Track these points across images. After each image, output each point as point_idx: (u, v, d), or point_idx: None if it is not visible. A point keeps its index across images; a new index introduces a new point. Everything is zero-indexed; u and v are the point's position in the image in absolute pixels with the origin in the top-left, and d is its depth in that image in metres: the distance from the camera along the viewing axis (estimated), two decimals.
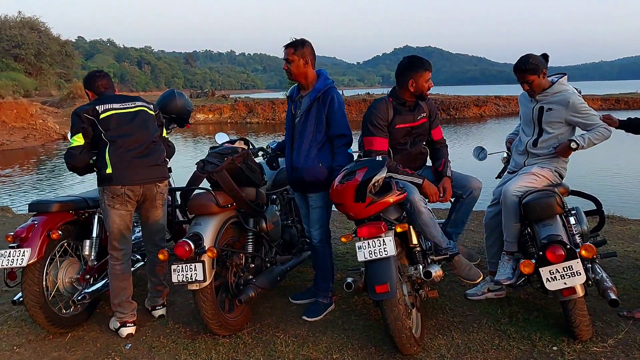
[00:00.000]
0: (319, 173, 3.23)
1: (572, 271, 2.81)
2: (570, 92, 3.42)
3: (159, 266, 3.32)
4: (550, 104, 3.40)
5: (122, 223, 3.12)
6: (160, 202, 3.26)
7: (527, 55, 3.39)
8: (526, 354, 2.98)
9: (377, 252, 2.79)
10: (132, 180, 3.05)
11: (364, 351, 3.05)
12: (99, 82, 3.28)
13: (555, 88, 3.40)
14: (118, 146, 3.03)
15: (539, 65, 3.33)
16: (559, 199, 3.07)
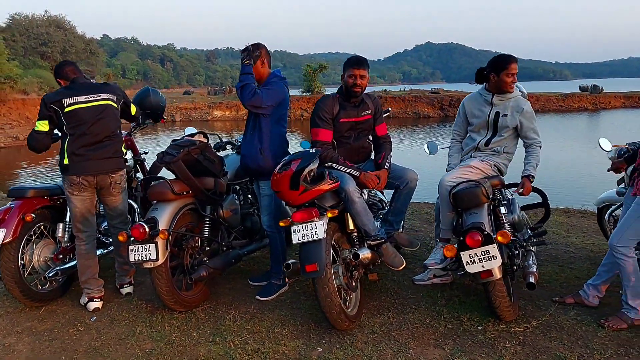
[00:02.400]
0: (260, 160, 3.53)
1: (489, 255, 3.04)
2: (522, 100, 3.71)
3: (122, 247, 3.64)
4: (506, 110, 3.67)
5: (83, 207, 3.47)
6: (116, 191, 3.59)
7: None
8: (452, 332, 3.24)
9: (309, 235, 3.07)
10: (84, 171, 3.41)
11: (304, 327, 3.35)
12: (66, 68, 3.63)
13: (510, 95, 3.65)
14: (75, 139, 3.38)
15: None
16: (485, 190, 3.30)
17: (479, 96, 3.76)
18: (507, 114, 3.66)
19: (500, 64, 3.57)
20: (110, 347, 3.10)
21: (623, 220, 3.26)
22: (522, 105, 3.64)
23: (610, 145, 3.95)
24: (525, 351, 2.98)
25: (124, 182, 3.66)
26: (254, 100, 3.40)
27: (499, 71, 3.57)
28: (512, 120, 3.65)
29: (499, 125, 3.70)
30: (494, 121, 3.70)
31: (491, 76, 3.64)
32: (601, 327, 3.19)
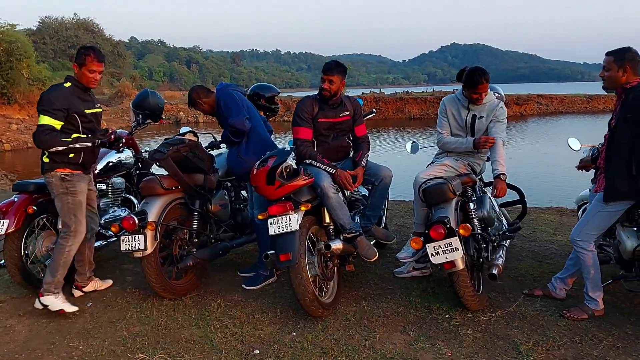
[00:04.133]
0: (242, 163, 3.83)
1: (452, 247, 3.22)
2: (496, 102, 3.88)
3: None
4: (482, 112, 3.86)
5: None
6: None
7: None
8: (420, 320, 3.43)
9: (283, 227, 3.30)
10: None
11: (282, 314, 3.57)
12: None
13: (485, 99, 3.82)
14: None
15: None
16: (451, 187, 3.48)
17: (457, 100, 3.93)
18: (482, 116, 3.83)
19: (469, 83, 3.73)
20: (101, 329, 3.38)
21: (584, 215, 3.40)
22: (496, 107, 3.81)
23: (579, 145, 4.07)
24: (484, 337, 3.15)
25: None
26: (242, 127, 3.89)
27: (468, 87, 3.74)
28: (486, 122, 3.82)
29: (476, 127, 3.87)
30: (471, 124, 3.87)
31: (463, 86, 3.81)
32: (563, 317, 3.34)
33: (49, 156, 3.45)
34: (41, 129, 3.34)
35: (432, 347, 3.08)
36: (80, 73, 3.48)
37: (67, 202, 3.50)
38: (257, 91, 4.79)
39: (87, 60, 3.45)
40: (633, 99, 3.06)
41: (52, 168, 3.47)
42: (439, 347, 3.07)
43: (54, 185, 3.50)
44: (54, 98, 3.37)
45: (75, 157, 3.50)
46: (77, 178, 3.53)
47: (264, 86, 4.92)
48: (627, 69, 3.08)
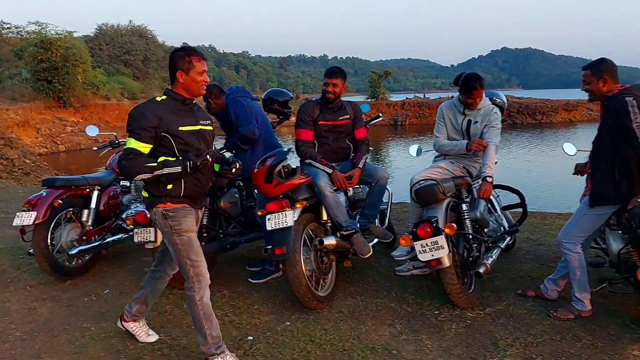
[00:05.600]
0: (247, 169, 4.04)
1: (438, 245, 3.36)
2: (491, 107, 4.01)
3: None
4: (477, 117, 3.99)
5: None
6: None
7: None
8: (409, 315, 3.58)
9: (280, 222, 3.53)
10: None
11: (281, 305, 3.79)
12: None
13: (480, 104, 3.95)
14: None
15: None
16: (441, 188, 3.60)
17: (454, 106, 4.06)
18: (477, 121, 3.96)
19: (464, 88, 3.87)
20: (113, 313, 3.69)
21: (571, 218, 3.47)
22: (490, 112, 3.92)
23: (574, 150, 4.11)
24: (467, 332, 3.27)
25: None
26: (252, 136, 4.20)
27: (463, 92, 3.87)
28: (481, 127, 3.95)
29: (471, 132, 3.99)
30: (467, 128, 3.99)
31: (460, 91, 3.93)
32: (549, 317, 3.40)
33: (147, 189, 2.84)
34: (124, 154, 2.69)
35: (414, 339, 3.22)
36: (189, 80, 2.78)
37: (175, 243, 2.81)
38: (271, 96, 5.05)
39: (193, 61, 2.78)
40: (614, 106, 3.12)
41: (154, 204, 2.81)
42: (422, 339, 3.21)
43: (158, 224, 2.86)
44: (140, 115, 2.69)
45: (175, 187, 2.78)
46: (182, 213, 2.81)
47: (277, 91, 5.17)
48: (606, 79, 3.17)
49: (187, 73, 2.78)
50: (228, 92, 4.43)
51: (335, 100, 4.02)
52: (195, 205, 2.92)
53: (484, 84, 3.83)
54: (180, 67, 2.78)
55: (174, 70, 2.79)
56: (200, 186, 2.91)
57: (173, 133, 2.75)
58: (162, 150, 2.76)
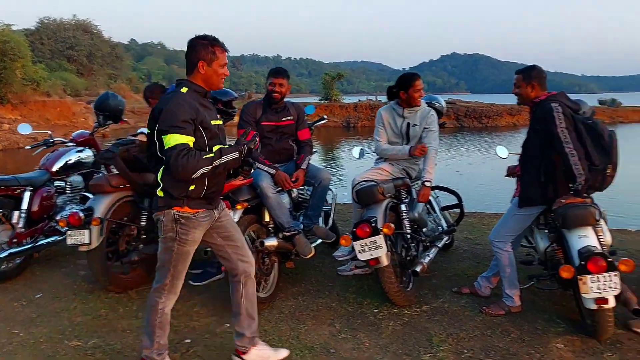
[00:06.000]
0: None
1: (376, 245, 3.42)
2: (427, 109, 4.12)
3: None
4: (415, 120, 4.09)
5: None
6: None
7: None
8: (349, 314, 3.62)
9: None
10: None
11: (221, 307, 3.76)
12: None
13: (418, 108, 4.04)
14: None
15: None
16: (380, 189, 3.68)
17: (392, 110, 4.15)
18: (416, 124, 4.06)
19: (407, 82, 3.97)
20: (45, 318, 3.56)
21: (501, 218, 3.62)
22: (427, 114, 4.04)
23: (506, 153, 4.29)
24: (404, 329, 3.35)
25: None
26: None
27: (407, 88, 3.96)
28: (420, 129, 4.05)
29: (411, 134, 4.09)
30: (407, 131, 4.09)
31: (401, 93, 4.02)
32: (482, 313, 3.54)
33: (165, 188, 2.59)
34: (177, 151, 2.39)
35: (352, 337, 3.27)
36: (210, 71, 2.60)
37: (172, 250, 2.63)
38: (214, 95, 4.99)
39: (217, 52, 2.59)
40: (541, 112, 3.28)
41: (169, 205, 2.59)
42: (359, 338, 3.26)
43: (163, 226, 2.63)
44: (178, 108, 2.46)
45: (197, 188, 2.58)
46: (194, 223, 2.63)
47: (221, 91, 5.12)
48: (534, 85, 3.34)
49: (210, 64, 2.60)
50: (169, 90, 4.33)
51: (281, 100, 4.02)
52: (212, 205, 2.73)
53: (420, 77, 3.97)
54: (203, 56, 2.58)
55: (195, 60, 2.58)
56: (220, 185, 2.76)
57: (206, 126, 2.57)
58: (196, 146, 2.53)
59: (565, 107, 3.28)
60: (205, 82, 2.64)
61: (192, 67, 2.60)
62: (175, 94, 2.56)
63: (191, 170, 2.42)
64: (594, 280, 2.88)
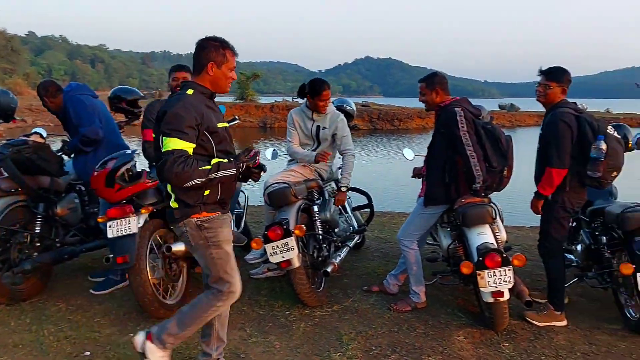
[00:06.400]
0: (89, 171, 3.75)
1: (288, 247, 3.42)
2: (337, 113, 4.17)
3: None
4: (325, 123, 4.11)
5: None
6: None
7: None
8: (260, 317, 3.58)
9: (122, 229, 3.34)
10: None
11: (125, 316, 3.58)
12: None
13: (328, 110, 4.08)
14: None
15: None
16: (293, 191, 3.68)
17: (302, 112, 4.17)
18: (326, 127, 4.10)
19: (315, 90, 3.99)
20: None
21: (408, 217, 3.75)
22: (336, 118, 4.09)
23: (412, 155, 4.47)
24: (315, 330, 3.37)
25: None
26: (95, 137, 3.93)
27: (314, 95, 3.99)
28: (330, 132, 4.10)
29: (321, 137, 4.14)
30: (316, 134, 4.13)
31: (308, 97, 4.05)
32: (390, 310, 3.64)
33: (180, 198, 2.49)
34: (174, 157, 2.30)
35: (263, 341, 3.24)
36: (219, 74, 2.51)
37: (212, 256, 2.57)
38: (118, 94, 4.76)
39: (227, 54, 2.53)
40: (445, 116, 3.44)
41: (186, 215, 2.51)
42: (270, 340, 3.24)
43: (191, 237, 2.55)
44: (183, 111, 2.36)
45: (212, 193, 2.51)
46: (218, 223, 2.57)
47: (125, 89, 4.89)
48: (438, 91, 3.50)
49: (219, 66, 2.51)
50: (66, 89, 4.08)
51: None
52: (225, 210, 2.64)
53: (330, 86, 4.00)
54: (214, 58, 2.50)
55: (204, 61, 2.49)
56: (232, 189, 2.68)
57: (213, 130, 2.47)
58: (199, 152, 2.43)
59: (467, 111, 3.47)
60: (213, 84, 2.55)
61: (201, 68, 2.51)
62: (181, 96, 2.45)
63: (185, 179, 2.32)
64: (491, 274, 3.05)
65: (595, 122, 3.24)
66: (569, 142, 3.26)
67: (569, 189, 3.31)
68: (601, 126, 3.23)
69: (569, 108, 3.30)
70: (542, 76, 3.39)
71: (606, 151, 3.15)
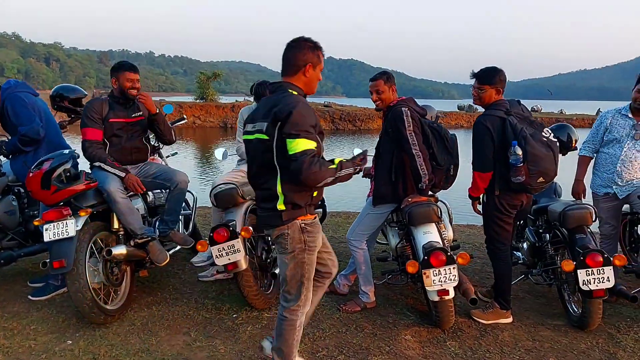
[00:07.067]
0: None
1: (234, 249, 3.34)
2: None
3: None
4: None
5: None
6: None
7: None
8: (207, 321, 3.49)
9: (59, 233, 3.19)
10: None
11: (64, 323, 3.42)
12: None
13: None
14: None
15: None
16: (240, 192, 3.60)
17: None
18: None
19: (257, 96, 3.93)
20: None
21: (357, 217, 3.74)
22: None
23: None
24: (262, 333, 3.30)
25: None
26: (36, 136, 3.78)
27: (258, 99, 3.93)
28: None
29: None
30: None
31: (261, 93, 3.98)
32: (339, 310, 3.62)
33: (291, 200, 2.40)
34: (309, 157, 2.25)
35: (208, 345, 3.15)
36: (314, 76, 2.51)
37: (303, 261, 2.49)
38: (60, 92, 4.58)
39: (320, 56, 2.53)
40: (392, 116, 3.44)
41: (293, 217, 2.43)
42: (215, 345, 3.16)
43: (290, 240, 2.46)
44: (309, 111, 2.34)
45: (319, 194, 2.51)
46: (317, 228, 2.54)
47: (68, 87, 4.71)
48: (393, 89, 3.50)
49: (314, 68, 2.49)
50: (4, 86, 3.87)
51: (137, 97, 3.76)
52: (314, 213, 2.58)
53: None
54: (311, 59, 2.47)
55: (300, 62, 2.46)
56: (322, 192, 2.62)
57: (320, 130, 2.43)
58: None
59: (414, 111, 3.48)
60: (306, 85, 2.52)
61: (296, 69, 2.48)
62: (294, 96, 2.40)
63: (320, 178, 2.30)
64: (436, 273, 3.07)
65: (520, 125, 3.16)
66: (490, 145, 3.24)
67: (499, 192, 3.31)
68: (525, 130, 3.14)
69: (498, 110, 3.27)
70: (475, 80, 3.39)
71: (524, 156, 3.09)
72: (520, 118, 3.25)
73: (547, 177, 3.20)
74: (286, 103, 2.34)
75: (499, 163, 3.27)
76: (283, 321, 2.58)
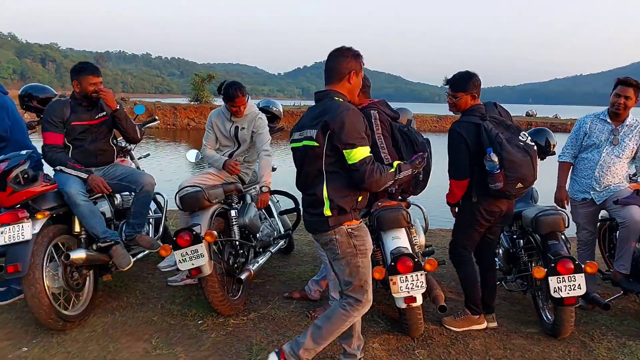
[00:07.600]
0: None
1: (198, 253, 3.24)
2: (256, 112, 4.01)
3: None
4: (244, 124, 3.97)
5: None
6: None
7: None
8: (171, 327, 3.40)
9: (15, 236, 3.09)
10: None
11: (22, 329, 3.31)
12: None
13: (246, 111, 3.94)
14: None
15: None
16: (206, 195, 3.50)
17: (222, 113, 4.02)
18: (244, 127, 3.96)
19: (227, 96, 3.84)
20: None
21: None
22: (255, 117, 3.96)
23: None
24: (225, 339, 3.21)
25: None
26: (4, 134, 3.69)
27: (227, 101, 3.86)
28: (248, 132, 3.96)
29: (240, 138, 4.00)
30: (235, 135, 3.98)
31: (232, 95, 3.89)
32: (308, 317, 3.52)
33: (337, 205, 2.45)
34: (371, 165, 2.37)
35: (169, 353, 3.05)
36: (357, 83, 2.60)
37: (357, 265, 2.53)
38: (29, 92, 4.48)
39: (361, 64, 2.60)
40: None
41: (339, 222, 2.48)
42: (176, 352, 3.06)
43: (340, 245, 2.51)
44: (358, 120, 2.42)
45: (364, 198, 2.57)
46: (364, 231, 2.59)
47: (37, 87, 4.61)
48: (366, 91, 3.43)
49: (357, 75, 2.57)
50: None
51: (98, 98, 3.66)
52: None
53: (245, 92, 3.85)
54: (354, 67, 2.55)
55: (345, 70, 2.52)
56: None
57: (368, 135, 2.49)
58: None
59: (384, 114, 3.40)
60: (350, 92, 2.59)
61: (341, 77, 2.54)
62: (343, 104, 2.46)
63: (382, 183, 2.43)
64: (403, 280, 2.97)
65: (495, 131, 3.07)
66: (465, 152, 3.16)
67: (477, 199, 3.23)
68: (501, 135, 3.05)
69: (473, 115, 3.18)
70: (449, 87, 3.30)
71: (500, 163, 2.99)
72: (496, 122, 3.16)
73: (526, 183, 3.11)
74: (336, 112, 2.39)
75: (476, 169, 3.18)
76: (339, 309, 2.61)
